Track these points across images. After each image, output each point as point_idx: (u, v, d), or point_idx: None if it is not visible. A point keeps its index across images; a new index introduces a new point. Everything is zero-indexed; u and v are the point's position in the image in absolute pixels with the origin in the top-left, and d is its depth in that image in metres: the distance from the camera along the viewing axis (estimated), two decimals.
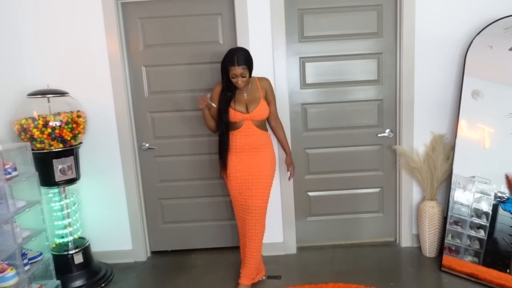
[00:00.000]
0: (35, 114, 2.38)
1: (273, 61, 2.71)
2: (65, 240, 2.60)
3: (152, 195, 2.98)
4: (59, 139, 2.40)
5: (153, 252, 3.07)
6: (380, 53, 2.79)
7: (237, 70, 2.25)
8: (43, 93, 2.45)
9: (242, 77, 2.28)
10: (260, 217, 2.40)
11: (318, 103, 2.86)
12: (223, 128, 2.40)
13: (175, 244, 3.06)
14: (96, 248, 2.83)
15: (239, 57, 2.27)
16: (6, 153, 2.12)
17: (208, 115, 2.44)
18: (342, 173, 2.95)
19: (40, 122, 2.33)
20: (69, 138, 2.44)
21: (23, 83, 2.61)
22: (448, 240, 2.57)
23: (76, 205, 2.70)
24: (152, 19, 2.74)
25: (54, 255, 2.47)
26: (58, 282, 2.43)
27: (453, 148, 2.59)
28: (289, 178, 2.64)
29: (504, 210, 2.38)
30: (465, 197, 2.51)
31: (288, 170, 2.61)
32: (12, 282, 2.03)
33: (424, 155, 2.77)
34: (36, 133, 2.33)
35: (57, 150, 2.41)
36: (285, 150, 2.59)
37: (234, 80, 2.30)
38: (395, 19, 2.74)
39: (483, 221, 2.45)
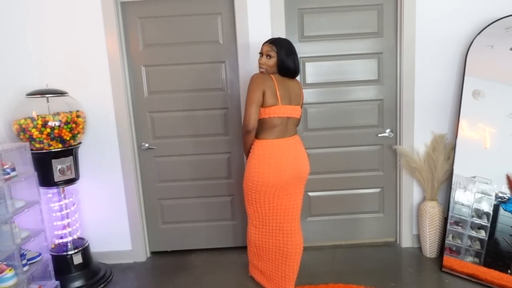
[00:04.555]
0: (34, 114, 2.37)
1: None
2: (64, 240, 2.59)
3: (152, 195, 2.97)
4: (58, 139, 2.39)
5: (152, 253, 3.06)
6: (381, 53, 2.78)
7: (264, 47, 2.17)
8: (42, 93, 2.44)
9: (266, 56, 2.14)
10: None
11: (318, 103, 2.85)
12: None
13: (175, 244, 3.05)
14: (95, 248, 2.82)
15: (274, 38, 2.21)
16: (5, 153, 2.11)
17: None
18: (342, 173, 2.95)
19: (39, 122, 2.33)
20: (68, 138, 2.43)
21: (22, 83, 2.60)
22: (449, 240, 2.56)
23: (75, 206, 2.69)
24: (151, 19, 2.73)
25: (53, 256, 2.47)
26: (57, 282, 2.42)
27: (453, 148, 2.59)
28: None
29: (505, 210, 2.37)
30: (465, 197, 2.50)
31: None
32: (11, 282, 2.03)
33: (424, 155, 2.77)
34: (35, 133, 2.32)
35: (56, 150, 2.40)
36: None
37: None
38: (395, 18, 2.73)
39: (484, 222, 2.44)
